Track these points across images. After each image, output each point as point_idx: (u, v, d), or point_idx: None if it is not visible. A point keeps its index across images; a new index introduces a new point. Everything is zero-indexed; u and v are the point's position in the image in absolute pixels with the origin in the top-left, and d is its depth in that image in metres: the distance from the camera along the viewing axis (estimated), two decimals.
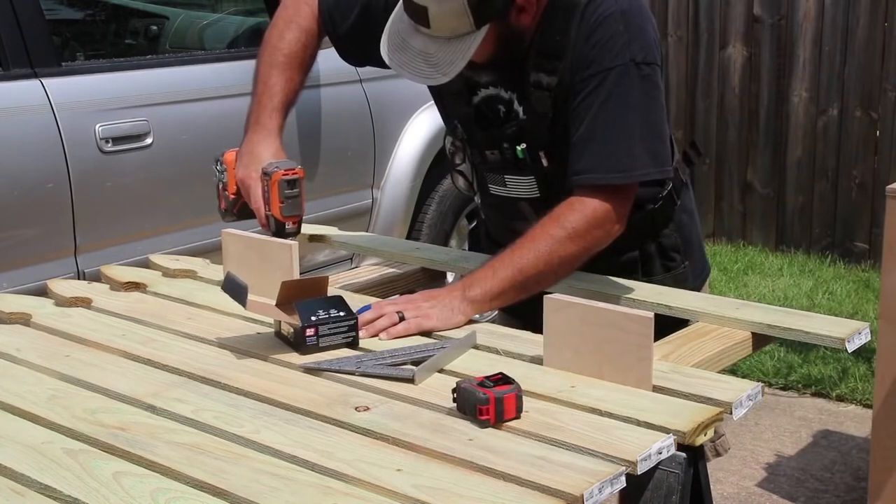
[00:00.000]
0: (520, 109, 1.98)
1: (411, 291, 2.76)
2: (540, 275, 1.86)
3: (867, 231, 5.47)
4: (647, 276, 2.08)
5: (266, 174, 2.01)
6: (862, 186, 5.45)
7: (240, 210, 2.12)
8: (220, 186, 2.16)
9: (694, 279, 2.16)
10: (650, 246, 2.09)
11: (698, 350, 1.77)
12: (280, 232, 2.01)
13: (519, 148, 1.98)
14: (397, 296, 1.91)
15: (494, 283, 1.85)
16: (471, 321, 1.89)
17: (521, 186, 2.04)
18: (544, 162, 1.98)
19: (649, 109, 1.88)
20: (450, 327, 1.83)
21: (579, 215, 1.86)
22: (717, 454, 2.20)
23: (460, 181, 2.17)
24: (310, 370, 1.69)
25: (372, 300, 2.07)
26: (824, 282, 5.18)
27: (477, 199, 2.21)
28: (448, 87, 1.98)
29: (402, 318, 1.81)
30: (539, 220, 1.91)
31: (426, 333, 1.82)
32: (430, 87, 2.11)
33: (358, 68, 3.87)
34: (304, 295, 1.80)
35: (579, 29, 1.88)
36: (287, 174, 1.99)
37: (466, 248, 4.28)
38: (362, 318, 1.81)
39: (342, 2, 2.17)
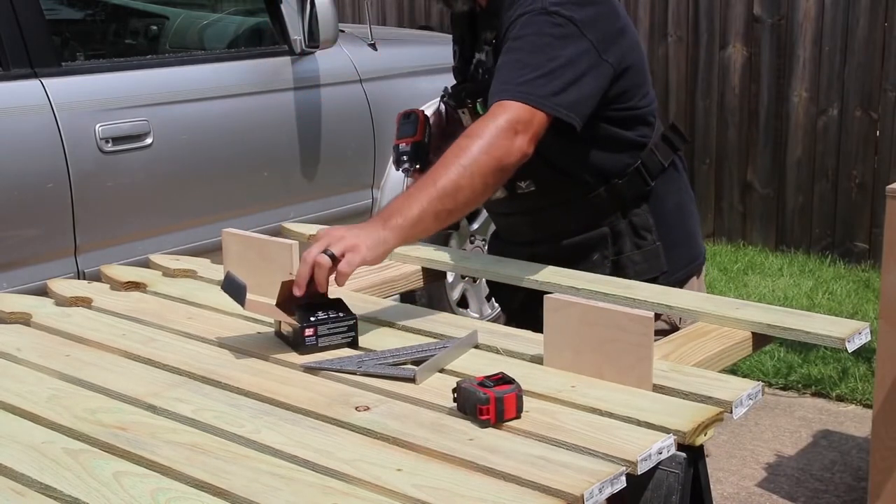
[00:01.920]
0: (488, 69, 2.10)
1: (411, 292, 2.77)
2: (457, 188, 1.84)
3: (867, 231, 5.46)
4: (618, 254, 2.12)
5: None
6: (862, 186, 5.45)
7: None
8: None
9: (676, 267, 2.16)
10: (620, 223, 2.12)
11: (698, 350, 1.77)
12: (397, 157, 2.18)
13: (478, 102, 2.09)
14: (319, 232, 1.87)
15: (413, 207, 1.83)
16: (468, 320, 1.89)
17: None
18: None
19: (551, 54, 1.93)
20: (379, 258, 1.81)
21: (482, 124, 1.89)
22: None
23: None
24: (310, 370, 1.69)
25: (372, 300, 2.07)
26: (824, 282, 5.18)
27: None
28: (454, 60, 2.24)
29: (331, 257, 1.75)
30: (505, 184, 2.02)
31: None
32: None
33: (359, 68, 3.89)
34: (303, 295, 1.80)
35: None
36: (401, 112, 2.23)
37: (467, 249, 4.28)
38: (297, 278, 1.76)
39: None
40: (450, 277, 4.09)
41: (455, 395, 1.51)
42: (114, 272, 2.25)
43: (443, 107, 2.24)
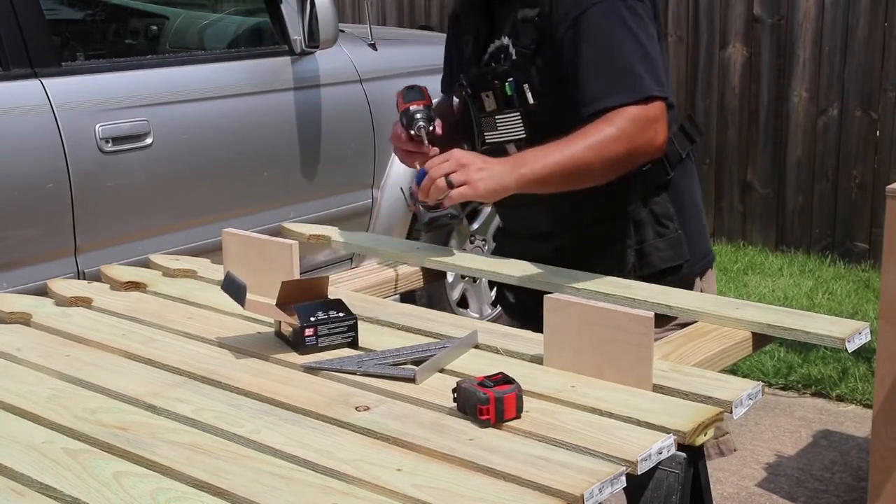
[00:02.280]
0: (513, 51, 2.10)
1: (411, 292, 2.77)
2: (588, 166, 1.93)
3: (867, 231, 5.47)
4: (641, 243, 2.11)
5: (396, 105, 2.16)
6: (862, 186, 5.46)
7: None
8: (410, 201, 2.19)
9: (696, 257, 2.17)
10: (641, 211, 2.11)
11: (698, 350, 1.77)
12: (409, 118, 2.11)
13: (507, 84, 2.08)
14: (451, 151, 1.95)
15: (544, 165, 1.91)
16: (468, 320, 1.89)
17: (509, 127, 2.11)
18: (529, 97, 2.07)
19: (639, 39, 1.99)
20: (493, 200, 1.91)
21: (626, 119, 1.94)
22: (721, 453, 2.20)
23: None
24: (310, 370, 1.69)
25: (372, 300, 2.07)
26: (824, 282, 5.18)
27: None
28: (464, 51, 2.21)
29: (449, 184, 1.86)
30: None
31: (464, 205, 1.88)
32: (455, 58, 2.29)
33: (359, 68, 3.89)
34: (303, 295, 1.80)
35: None
36: (404, 87, 2.17)
37: (467, 249, 4.28)
38: (422, 185, 1.91)
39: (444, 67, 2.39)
40: (450, 277, 4.09)
41: (455, 395, 1.51)
42: (114, 272, 2.25)
43: (455, 100, 2.24)
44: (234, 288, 1.77)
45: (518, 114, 2.08)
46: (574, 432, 1.43)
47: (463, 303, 4.35)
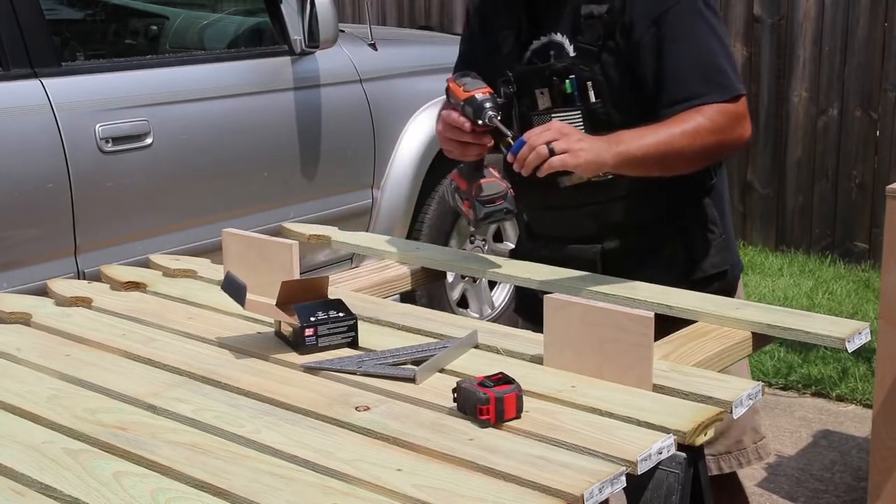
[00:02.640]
0: (570, 48, 2.05)
1: (411, 292, 2.76)
2: (682, 152, 1.92)
3: (867, 231, 5.46)
4: (689, 247, 2.09)
5: (446, 95, 2.05)
6: (862, 186, 5.45)
7: (477, 190, 2.06)
8: (456, 197, 2.14)
9: (737, 261, 2.18)
10: (688, 216, 2.10)
11: (698, 350, 1.77)
12: (475, 106, 1.96)
13: (567, 81, 2.03)
14: (552, 122, 1.92)
15: (640, 145, 1.89)
16: (468, 320, 1.89)
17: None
18: (592, 96, 2.02)
19: (721, 36, 2.01)
20: (590, 174, 1.87)
21: (718, 112, 1.94)
22: (760, 458, 2.16)
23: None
24: (310, 370, 1.69)
25: (372, 300, 2.07)
26: (824, 282, 5.18)
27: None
28: (501, 48, 2.13)
29: (551, 152, 1.82)
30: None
31: (562, 173, 1.86)
32: (480, 55, 2.20)
33: (359, 68, 3.89)
34: (303, 295, 1.80)
35: None
36: (456, 74, 2.06)
37: (467, 249, 4.28)
38: (519, 154, 1.84)
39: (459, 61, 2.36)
40: (450, 277, 4.09)
41: (455, 395, 1.51)
42: (114, 272, 2.25)
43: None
44: (234, 288, 1.77)
45: (578, 112, 2.03)
46: (574, 432, 1.43)
47: (463, 303, 4.35)
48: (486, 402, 1.46)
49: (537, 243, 2.23)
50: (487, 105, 1.94)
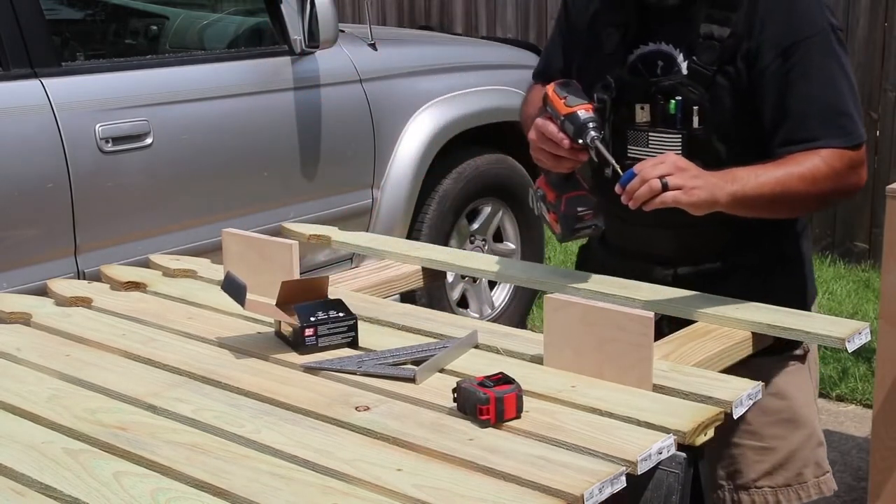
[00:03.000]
0: (683, 65, 1.95)
1: (411, 292, 2.76)
2: (796, 197, 1.84)
3: (867, 231, 5.46)
4: (766, 280, 2.01)
5: (544, 103, 1.94)
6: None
7: (568, 205, 1.96)
8: (542, 206, 2.04)
9: (808, 303, 2.09)
10: (771, 248, 2.03)
11: (698, 350, 1.77)
12: (577, 125, 1.85)
13: (672, 101, 1.94)
14: (667, 155, 1.82)
15: (757, 186, 1.81)
16: (468, 320, 1.89)
17: (663, 146, 1.96)
18: (695, 121, 1.93)
19: (851, 78, 1.91)
20: (701, 213, 1.78)
21: (837, 158, 1.85)
22: (821, 492, 2.10)
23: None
24: (310, 370, 1.69)
25: (372, 300, 2.07)
26: (824, 282, 5.17)
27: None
28: (603, 46, 2.02)
29: (664, 186, 1.74)
30: None
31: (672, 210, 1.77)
32: (577, 52, 2.10)
33: (359, 68, 3.89)
34: (303, 295, 1.80)
35: None
36: (558, 82, 1.93)
37: (467, 249, 4.28)
38: (629, 186, 1.76)
39: (548, 52, 2.20)
40: (450, 277, 4.09)
41: (455, 395, 1.51)
42: (114, 272, 2.25)
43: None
44: (234, 288, 1.77)
45: (679, 136, 1.93)
46: (574, 432, 1.43)
47: (463, 303, 4.35)
48: (486, 402, 1.46)
49: (609, 252, 2.15)
50: (591, 125, 1.84)
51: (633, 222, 1.98)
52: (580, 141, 1.84)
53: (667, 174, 1.74)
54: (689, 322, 1.89)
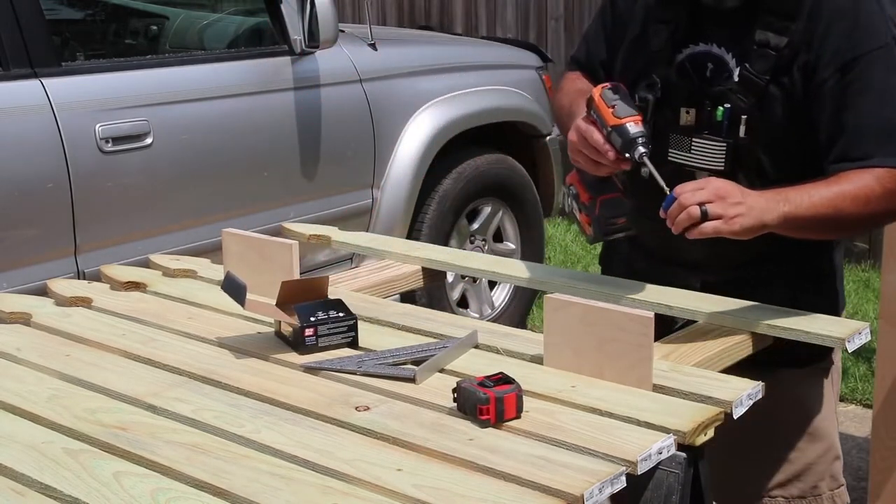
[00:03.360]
0: (735, 71, 1.89)
1: (411, 292, 2.76)
2: (847, 218, 1.78)
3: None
4: (794, 292, 1.95)
5: (588, 105, 1.85)
6: None
7: (602, 208, 1.91)
8: (575, 206, 1.97)
9: (841, 306, 2.06)
10: (800, 259, 1.99)
11: (698, 350, 1.77)
12: (626, 139, 1.76)
13: (720, 108, 1.88)
14: (707, 178, 1.76)
15: (808, 207, 1.75)
16: (468, 320, 1.89)
17: (707, 154, 1.91)
18: (742, 130, 1.87)
19: None
20: (747, 237, 1.73)
21: (891, 177, 1.78)
22: None
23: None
24: (310, 369, 1.69)
25: (372, 300, 2.07)
26: None
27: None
28: (650, 42, 1.96)
29: (703, 214, 1.68)
30: None
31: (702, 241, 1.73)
32: (621, 44, 2.03)
33: (359, 68, 3.89)
34: (303, 295, 1.80)
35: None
36: (605, 86, 1.83)
37: (467, 249, 4.28)
38: (669, 211, 1.71)
39: (590, 41, 2.12)
40: (450, 277, 4.09)
41: (455, 395, 1.51)
42: (114, 272, 2.25)
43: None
44: (234, 288, 1.77)
45: (724, 145, 1.87)
46: (574, 432, 1.43)
47: (463, 303, 4.35)
48: (486, 402, 1.46)
49: (637, 253, 2.09)
50: (640, 141, 1.77)
51: (666, 225, 1.94)
52: (627, 155, 1.78)
53: (706, 201, 1.68)
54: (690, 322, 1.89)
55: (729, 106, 1.87)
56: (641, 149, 1.77)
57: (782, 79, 1.85)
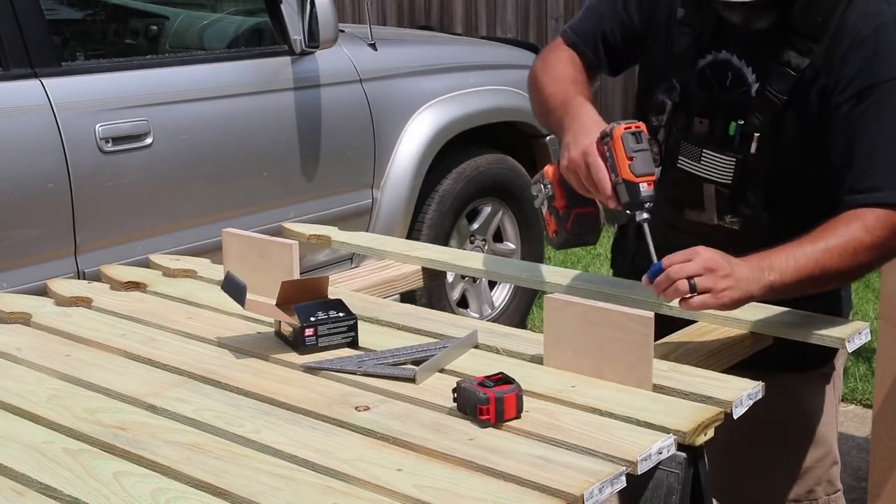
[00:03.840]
0: (753, 86, 1.88)
1: (411, 292, 2.76)
2: (836, 274, 1.74)
3: None
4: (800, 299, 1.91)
5: (604, 136, 1.74)
6: None
7: (574, 223, 1.87)
8: (546, 208, 1.89)
9: (846, 312, 2.06)
10: None
11: (698, 350, 1.77)
12: (634, 199, 1.71)
13: (733, 123, 1.86)
14: (695, 249, 1.69)
15: (793, 272, 1.71)
16: (468, 320, 1.89)
17: (716, 166, 1.90)
18: (753, 147, 1.85)
19: None
20: (731, 310, 1.71)
21: (879, 219, 1.74)
22: None
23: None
24: (310, 370, 1.69)
25: (372, 300, 2.07)
26: None
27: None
28: (674, 44, 1.93)
29: (692, 288, 1.64)
30: (717, 214, 1.88)
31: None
32: (647, 46, 2.00)
33: (359, 68, 3.89)
34: (303, 295, 1.80)
35: (845, 21, 1.80)
36: (629, 127, 1.72)
37: (467, 249, 4.28)
38: (657, 281, 1.67)
39: (599, 17, 2.04)
40: (450, 277, 4.09)
41: (455, 395, 1.51)
42: (114, 272, 2.25)
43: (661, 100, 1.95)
44: (234, 288, 1.77)
45: (734, 160, 1.86)
46: (574, 432, 1.43)
47: (463, 303, 4.35)
48: (486, 402, 1.46)
49: (643, 253, 2.06)
50: (647, 206, 1.71)
51: (679, 230, 1.94)
52: (628, 213, 1.73)
53: (695, 275, 1.64)
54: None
55: (743, 123, 1.86)
56: (645, 214, 1.72)
57: (799, 100, 1.83)
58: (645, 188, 1.70)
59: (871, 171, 1.77)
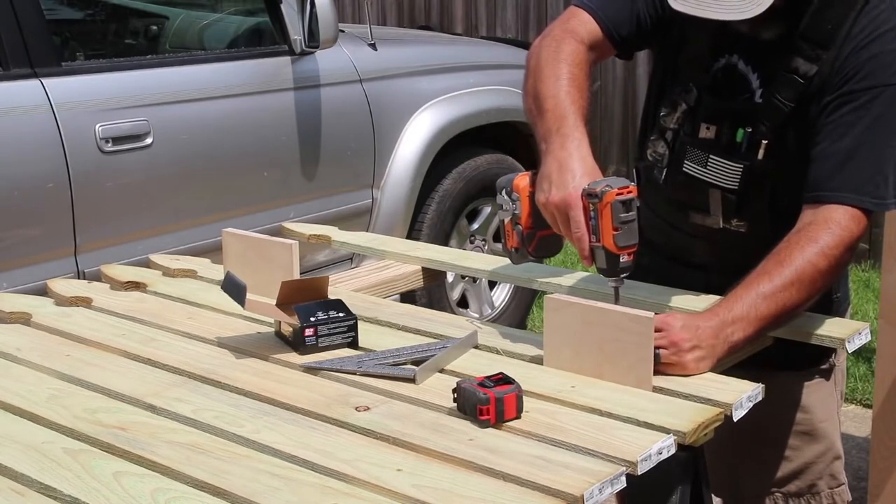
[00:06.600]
0: (758, 92, 1.88)
1: (411, 292, 2.76)
2: (797, 306, 1.75)
3: (867, 231, 5.46)
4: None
5: (593, 196, 1.67)
6: None
7: (537, 247, 1.83)
8: (509, 220, 1.82)
9: (844, 308, 2.07)
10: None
11: None
12: (612, 267, 1.69)
13: (740, 130, 1.86)
14: (671, 321, 1.66)
15: (754, 322, 1.70)
16: (468, 320, 1.89)
17: (722, 172, 1.88)
18: (761, 153, 1.85)
19: None
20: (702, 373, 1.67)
21: (834, 237, 1.75)
22: (834, 503, 2.07)
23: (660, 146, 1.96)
24: (310, 370, 1.69)
25: (372, 300, 2.07)
26: None
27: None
28: (691, 47, 1.92)
29: (656, 358, 1.61)
30: (722, 218, 1.87)
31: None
32: (663, 48, 1.99)
33: (359, 68, 3.89)
34: (303, 295, 1.80)
35: (853, 29, 1.79)
36: (621, 193, 1.66)
37: (467, 249, 4.28)
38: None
39: (618, 8, 1.97)
40: (450, 277, 4.09)
41: (455, 395, 1.51)
42: (114, 272, 2.25)
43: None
44: (234, 288, 1.77)
45: (740, 167, 1.85)
46: (574, 432, 1.43)
47: (463, 303, 4.35)
48: (486, 403, 1.46)
49: (645, 248, 1.92)
50: (624, 276, 1.71)
51: (678, 227, 1.94)
52: (603, 276, 1.73)
53: (660, 347, 1.62)
54: None
55: (750, 130, 1.85)
56: (617, 286, 1.72)
57: (805, 108, 1.82)
58: (625, 259, 1.68)
59: (839, 170, 1.76)
